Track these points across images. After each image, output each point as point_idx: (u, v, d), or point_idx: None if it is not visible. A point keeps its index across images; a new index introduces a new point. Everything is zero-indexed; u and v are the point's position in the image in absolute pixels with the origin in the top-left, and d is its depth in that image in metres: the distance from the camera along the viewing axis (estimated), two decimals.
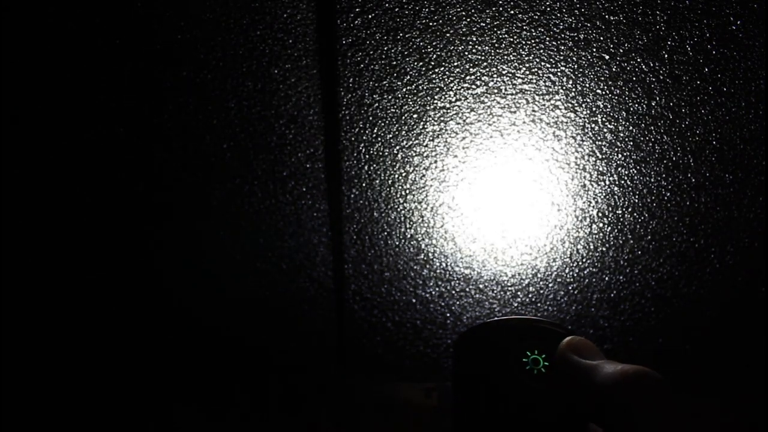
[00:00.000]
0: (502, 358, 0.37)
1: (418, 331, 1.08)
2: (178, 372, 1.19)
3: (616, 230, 0.90)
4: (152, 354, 1.14)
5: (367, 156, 0.82)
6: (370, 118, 0.79)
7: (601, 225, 0.89)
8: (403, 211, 0.89)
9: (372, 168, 0.84)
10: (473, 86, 0.75)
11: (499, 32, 0.71)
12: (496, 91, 0.76)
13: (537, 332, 0.37)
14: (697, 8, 0.68)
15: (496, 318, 0.41)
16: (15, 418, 1.14)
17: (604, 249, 0.92)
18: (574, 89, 0.75)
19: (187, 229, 0.92)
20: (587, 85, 0.75)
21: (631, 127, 0.78)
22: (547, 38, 0.71)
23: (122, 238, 0.92)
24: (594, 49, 0.72)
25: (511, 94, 0.76)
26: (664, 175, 0.83)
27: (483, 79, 0.75)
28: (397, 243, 0.93)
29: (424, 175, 0.84)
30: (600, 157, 0.82)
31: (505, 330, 0.38)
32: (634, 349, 1.09)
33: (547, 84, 0.75)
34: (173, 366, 1.17)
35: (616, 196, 0.86)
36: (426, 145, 0.81)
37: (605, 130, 0.79)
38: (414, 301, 1.02)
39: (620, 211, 0.88)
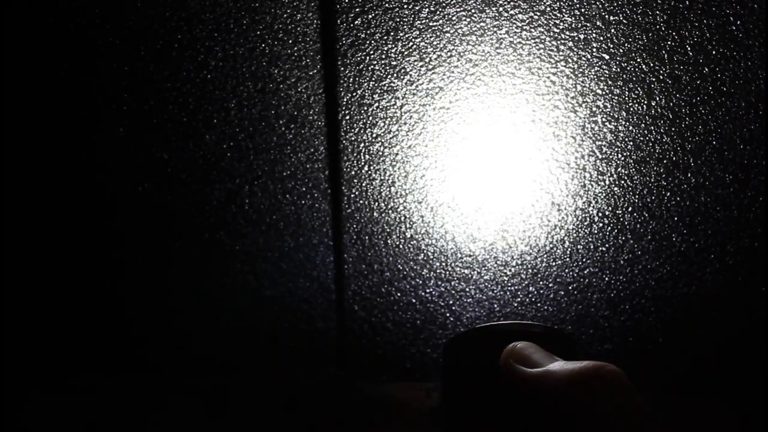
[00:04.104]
0: (486, 366, 0.36)
1: (418, 331, 1.08)
2: (177, 372, 1.19)
3: (616, 230, 0.90)
4: (151, 354, 1.14)
5: (367, 156, 0.82)
6: (370, 118, 0.79)
7: (601, 225, 0.89)
8: (403, 211, 0.89)
9: (372, 168, 0.84)
10: (473, 86, 0.75)
11: (499, 32, 0.71)
12: (496, 91, 0.76)
13: (525, 337, 0.36)
14: (697, 8, 0.68)
15: (483, 324, 0.40)
16: (17, 415, 1.14)
17: (604, 249, 0.92)
18: (574, 89, 0.75)
19: (186, 229, 0.92)
20: (587, 85, 0.75)
21: (631, 127, 0.78)
22: (547, 38, 0.71)
23: (121, 238, 0.93)
24: (594, 49, 0.72)
25: (511, 94, 0.76)
26: (664, 175, 0.83)
27: (483, 79, 0.75)
28: (397, 243, 0.93)
29: (424, 175, 0.84)
30: (600, 157, 0.82)
31: (491, 337, 0.37)
32: (634, 349, 1.09)
33: (547, 84, 0.75)
34: (172, 366, 1.17)
35: (616, 196, 0.86)
36: (426, 145, 0.81)
37: (605, 130, 0.79)
38: (414, 301, 1.02)
39: (620, 211, 0.88)
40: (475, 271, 0.97)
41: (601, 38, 0.71)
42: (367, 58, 0.73)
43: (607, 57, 0.72)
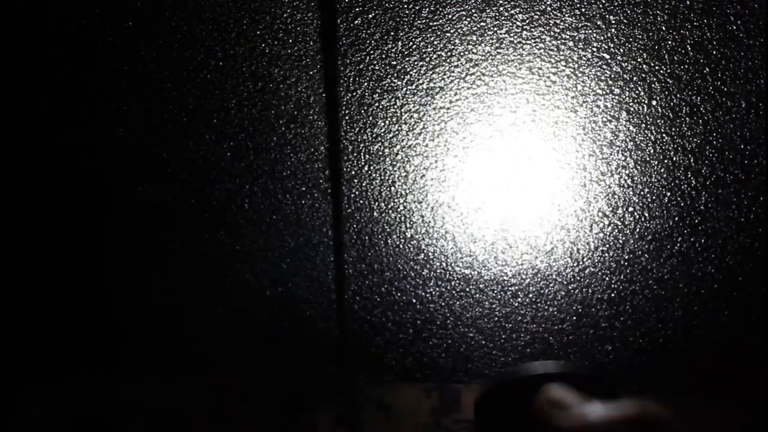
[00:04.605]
0: (519, 414, 0.36)
1: (418, 331, 1.08)
2: (177, 372, 1.19)
3: (616, 230, 0.90)
4: (151, 354, 1.14)
5: (367, 156, 0.82)
6: (370, 118, 0.79)
7: (601, 225, 0.89)
8: (403, 211, 0.89)
9: (372, 168, 0.84)
10: (473, 86, 0.75)
11: (499, 32, 0.71)
12: (496, 91, 0.76)
13: (551, 380, 0.36)
14: (697, 8, 0.68)
15: (514, 370, 0.39)
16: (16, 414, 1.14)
17: (604, 249, 0.92)
18: (574, 89, 0.75)
19: (187, 229, 0.92)
20: (587, 85, 0.75)
21: (631, 127, 0.78)
22: (547, 38, 0.71)
23: (122, 237, 0.92)
24: (594, 49, 0.72)
25: (512, 94, 0.76)
26: (664, 175, 0.83)
27: (483, 78, 0.75)
28: (397, 243, 0.93)
29: (424, 175, 0.84)
30: (600, 157, 0.82)
31: (519, 385, 0.37)
32: (634, 349, 1.09)
33: (547, 84, 0.75)
34: (173, 365, 1.17)
35: (616, 196, 0.86)
36: (426, 145, 0.81)
37: (605, 130, 0.79)
38: (414, 301, 1.02)
39: (620, 211, 0.87)
40: (475, 271, 0.97)
41: (601, 38, 0.71)
42: (367, 58, 0.73)
43: (607, 57, 0.72)
